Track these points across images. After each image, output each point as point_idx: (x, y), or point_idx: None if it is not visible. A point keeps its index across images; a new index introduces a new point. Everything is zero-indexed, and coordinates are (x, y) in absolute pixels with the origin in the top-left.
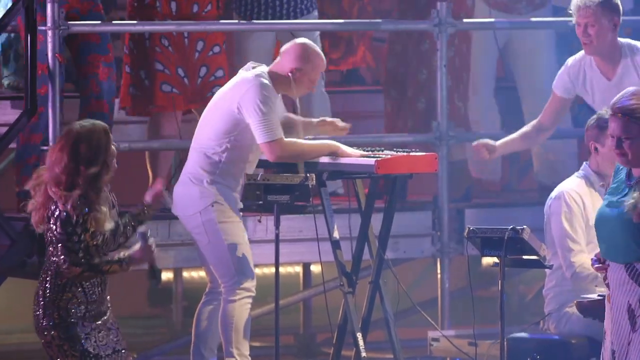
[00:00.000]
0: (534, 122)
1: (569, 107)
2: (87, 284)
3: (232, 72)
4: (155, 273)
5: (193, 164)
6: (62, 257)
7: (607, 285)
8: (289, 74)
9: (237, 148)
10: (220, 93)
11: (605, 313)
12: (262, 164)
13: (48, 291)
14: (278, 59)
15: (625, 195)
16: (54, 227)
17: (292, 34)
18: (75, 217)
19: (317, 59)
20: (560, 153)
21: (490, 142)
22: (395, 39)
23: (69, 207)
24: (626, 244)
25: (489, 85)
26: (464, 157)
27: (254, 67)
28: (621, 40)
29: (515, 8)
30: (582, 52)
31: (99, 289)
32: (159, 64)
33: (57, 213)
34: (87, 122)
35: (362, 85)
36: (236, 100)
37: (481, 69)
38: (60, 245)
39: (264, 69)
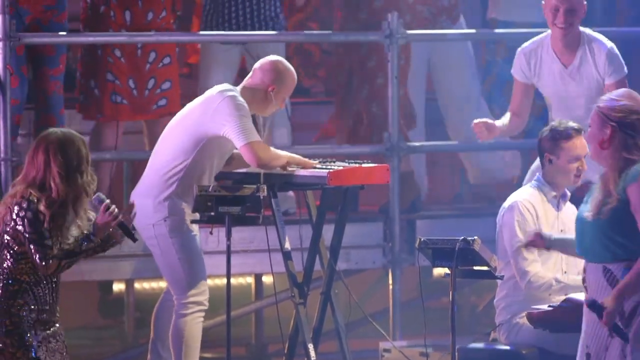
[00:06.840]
0: (508, 110)
1: (532, 93)
2: (38, 290)
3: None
4: (127, 230)
5: (151, 177)
6: (38, 255)
7: (586, 288)
8: (270, 92)
9: (198, 164)
10: (187, 108)
11: (583, 315)
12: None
13: (0, 298)
14: (250, 76)
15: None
16: (21, 227)
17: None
18: (43, 218)
19: (293, 76)
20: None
21: (490, 121)
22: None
23: (43, 207)
24: (595, 244)
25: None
26: (410, 168)
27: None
28: (580, 28)
29: (438, 22)
30: (537, 38)
31: (51, 297)
32: (110, 74)
33: (22, 214)
34: (67, 131)
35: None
36: (208, 114)
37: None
38: (32, 245)
39: (236, 88)
